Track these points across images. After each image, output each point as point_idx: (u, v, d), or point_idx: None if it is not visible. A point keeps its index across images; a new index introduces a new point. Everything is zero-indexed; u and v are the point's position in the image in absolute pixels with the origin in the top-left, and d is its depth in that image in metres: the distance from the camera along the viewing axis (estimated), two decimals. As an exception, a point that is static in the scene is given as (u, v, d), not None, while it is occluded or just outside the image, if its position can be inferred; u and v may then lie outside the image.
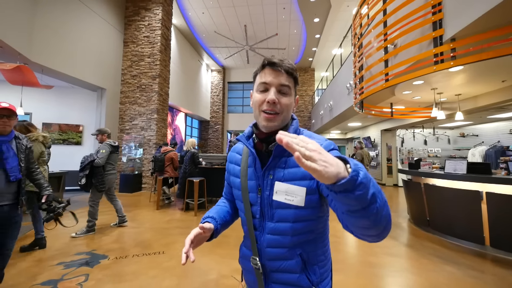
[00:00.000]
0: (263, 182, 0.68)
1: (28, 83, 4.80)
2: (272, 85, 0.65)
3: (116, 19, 7.02)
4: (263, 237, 0.68)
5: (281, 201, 0.64)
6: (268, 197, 0.67)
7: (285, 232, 0.66)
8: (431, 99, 4.53)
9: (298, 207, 0.63)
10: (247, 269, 0.74)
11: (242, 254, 0.77)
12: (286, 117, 0.68)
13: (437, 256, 2.72)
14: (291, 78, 0.67)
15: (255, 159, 0.69)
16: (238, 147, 0.81)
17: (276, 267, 0.67)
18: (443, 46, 2.46)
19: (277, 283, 0.67)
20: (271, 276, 0.68)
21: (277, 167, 0.67)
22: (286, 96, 0.66)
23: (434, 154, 9.41)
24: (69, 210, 1.95)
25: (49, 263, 2.42)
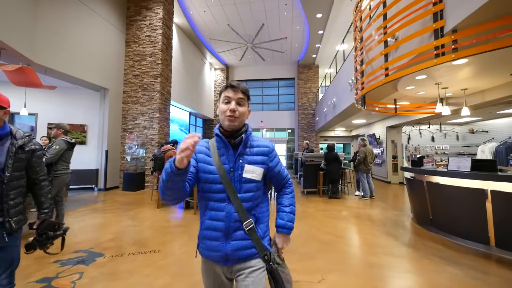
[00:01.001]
0: (235, 165, 0.97)
1: (31, 84, 4.88)
2: (233, 99, 0.97)
3: (118, 19, 7.07)
4: (230, 206, 0.94)
5: (248, 177, 0.97)
6: (239, 175, 0.97)
7: (249, 199, 0.97)
8: (436, 94, 4.38)
9: (257, 181, 0.99)
10: (210, 237, 0.96)
11: (206, 226, 0.97)
12: (242, 120, 1.00)
13: (439, 257, 2.63)
14: (245, 95, 1.00)
15: (229, 149, 0.99)
16: (202, 143, 1.05)
17: (236, 226, 0.94)
18: (444, 38, 2.36)
19: (234, 240, 0.94)
20: (231, 235, 0.94)
21: (245, 154, 1.00)
22: (242, 106, 0.99)
23: (442, 151, 9.17)
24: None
25: (46, 261, 2.45)
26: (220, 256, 0.94)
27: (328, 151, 5.91)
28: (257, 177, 0.98)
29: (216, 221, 0.95)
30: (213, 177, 0.96)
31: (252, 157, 1.00)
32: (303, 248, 2.85)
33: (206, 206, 0.98)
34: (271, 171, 1.04)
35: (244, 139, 0.99)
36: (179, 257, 2.60)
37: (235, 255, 0.94)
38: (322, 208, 4.89)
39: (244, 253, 0.95)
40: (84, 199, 5.64)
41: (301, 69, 13.58)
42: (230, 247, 0.93)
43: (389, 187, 7.89)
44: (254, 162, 0.99)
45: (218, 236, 0.94)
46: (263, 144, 1.05)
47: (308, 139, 13.21)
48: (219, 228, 0.94)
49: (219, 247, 0.94)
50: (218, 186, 0.95)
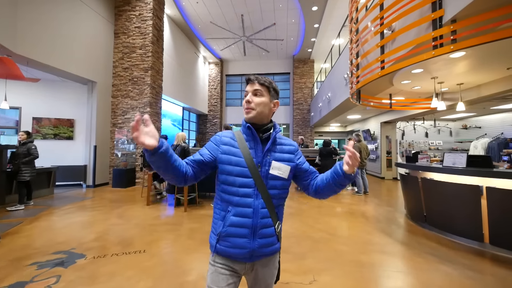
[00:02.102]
0: (262, 160, 0.95)
1: (12, 76, 4.63)
2: (249, 92, 0.97)
3: (106, 9, 6.77)
4: (258, 202, 0.91)
5: (275, 174, 0.95)
6: (266, 171, 0.94)
7: (274, 196, 0.95)
8: (432, 89, 4.30)
9: (284, 179, 0.97)
10: (237, 234, 0.90)
11: (232, 223, 0.91)
12: (261, 112, 0.96)
13: (433, 255, 2.57)
14: (264, 87, 0.97)
15: (258, 143, 0.96)
16: (227, 134, 1.01)
17: (264, 223, 0.92)
18: (443, 29, 2.25)
19: (262, 238, 0.91)
20: (258, 232, 0.91)
21: (272, 151, 0.97)
22: (258, 97, 0.96)
23: (436, 147, 9.20)
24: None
25: (23, 263, 2.31)
26: (245, 253, 0.90)
27: (323, 146, 5.83)
28: (283, 174, 0.96)
29: (243, 218, 0.91)
30: (239, 170, 0.92)
31: (280, 154, 0.98)
32: (296, 247, 2.76)
33: (229, 202, 0.93)
34: (300, 167, 1.02)
35: (273, 136, 0.98)
36: (165, 257, 2.48)
37: (261, 251, 0.92)
38: (316, 205, 4.82)
39: (271, 249, 0.94)
40: (71, 196, 5.46)
41: (296, 63, 13.41)
42: (257, 244, 0.91)
43: (383, 182, 7.88)
44: (282, 159, 0.97)
45: (245, 233, 0.90)
46: (289, 142, 1.05)
47: (303, 135, 13.13)
48: (247, 224, 0.91)
49: (245, 244, 0.90)
50: (245, 180, 0.92)
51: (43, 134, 6.42)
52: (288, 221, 3.72)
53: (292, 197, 5.57)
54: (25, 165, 4.28)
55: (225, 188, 0.94)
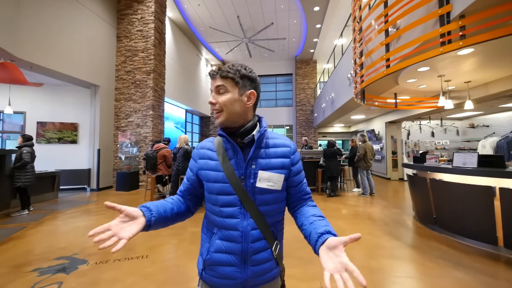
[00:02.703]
0: (245, 171, 0.76)
1: (15, 81, 4.66)
2: (212, 91, 0.79)
3: (108, 13, 6.81)
4: (247, 222, 0.75)
5: (264, 187, 0.76)
6: (252, 184, 0.76)
7: (266, 213, 0.77)
8: (438, 87, 4.20)
9: (277, 191, 0.78)
10: (223, 262, 0.75)
11: (218, 248, 0.76)
12: (231, 112, 0.76)
13: (444, 259, 2.47)
14: (227, 79, 0.76)
15: (237, 151, 0.78)
16: (205, 145, 0.85)
17: (257, 248, 0.75)
18: (451, 25, 2.17)
19: (255, 265, 0.75)
20: (250, 259, 0.75)
21: (258, 158, 0.77)
22: (223, 95, 0.76)
23: (442, 146, 9.03)
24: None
25: (24, 269, 2.28)
26: (236, 284, 0.75)
27: (328, 147, 5.75)
28: (275, 185, 0.76)
29: (230, 242, 0.75)
30: (219, 187, 0.77)
31: (269, 160, 0.78)
32: (301, 251, 2.69)
33: (214, 223, 0.79)
34: (291, 178, 0.81)
35: (257, 138, 0.77)
36: (167, 263, 2.43)
37: (256, 281, 0.76)
38: (321, 207, 4.73)
39: (268, 276, 0.78)
40: (75, 200, 5.45)
41: (298, 64, 13.36)
42: (250, 273, 0.75)
43: (389, 183, 7.75)
44: (271, 166, 0.77)
45: (233, 261, 0.75)
46: (282, 142, 0.82)
47: (307, 136, 13.04)
48: (235, 251, 0.75)
49: (235, 274, 0.75)
50: (228, 197, 0.76)
51: (47, 138, 6.46)
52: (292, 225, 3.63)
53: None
54: (17, 171, 4.07)
55: (208, 207, 0.81)
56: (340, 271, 0.58)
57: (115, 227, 0.64)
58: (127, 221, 0.66)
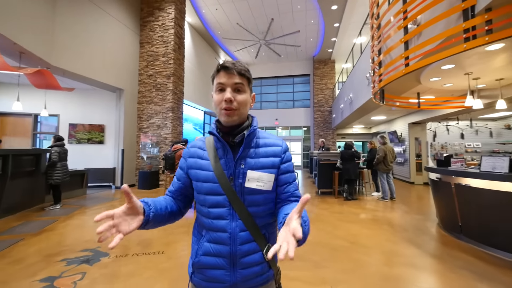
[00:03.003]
0: (234, 171, 0.75)
1: (50, 86, 5.09)
2: (227, 86, 0.74)
3: (132, 21, 7.22)
4: (235, 223, 0.73)
5: (253, 187, 0.74)
6: (241, 184, 0.74)
7: (256, 214, 0.75)
8: (466, 86, 3.92)
9: (267, 191, 0.76)
10: (211, 265, 0.74)
11: (206, 251, 0.74)
12: (243, 112, 0.76)
13: (469, 270, 2.30)
14: (244, 78, 0.75)
15: (227, 150, 0.77)
16: (196, 143, 0.84)
17: (246, 250, 0.73)
18: (476, 19, 2.03)
19: (245, 268, 0.73)
20: (239, 262, 0.73)
21: (247, 157, 0.76)
22: (241, 94, 0.75)
23: (473, 149, 8.38)
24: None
25: (54, 259, 2.49)
26: (225, 287, 0.74)
27: (345, 149, 5.60)
28: (265, 186, 0.75)
29: (218, 245, 0.74)
30: (208, 187, 0.75)
31: (258, 159, 0.77)
32: (311, 254, 2.65)
33: (202, 225, 0.78)
34: (278, 176, 0.78)
35: (246, 137, 0.76)
36: (182, 260, 2.52)
37: (247, 285, 0.75)
38: (337, 210, 4.61)
39: (260, 279, 0.76)
40: (101, 196, 5.83)
41: (316, 64, 13.14)
42: (239, 276, 0.73)
43: (413, 188, 7.34)
44: (260, 166, 0.76)
45: (222, 264, 0.73)
46: (273, 142, 0.80)
47: (325, 137, 12.77)
48: (223, 253, 0.73)
49: (223, 277, 0.73)
50: (216, 198, 0.74)
51: (78, 138, 6.98)
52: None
53: (312, 201, 5.40)
54: (49, 168, 4.45)
55: (198, 208, 0.79)
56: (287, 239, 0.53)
57: (118, 217, 0.62)
58: (130, 214, 0.64)
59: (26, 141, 7.02)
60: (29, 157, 4.48)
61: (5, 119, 6.92)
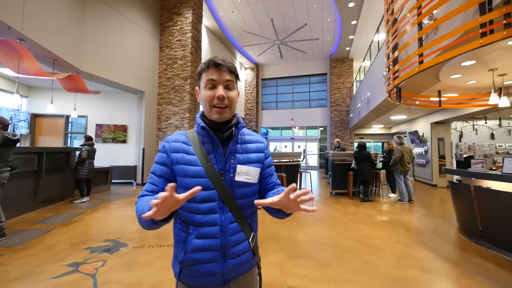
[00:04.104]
0: (225, 166, 0.77)
1: (79, 90, 5.54)
2: (219, 83, 0.76)
3: (152, 26, 7.60)
4: (225, 216, 0.76)
5: (243, 181, 0.78)
6: (231, 178, 0.77)
7: (244, 206, 0.79)
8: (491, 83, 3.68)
9: (254, 184, 0.81)
10: (203, 260, 0.74)
11: (196, 247, 0.74)
12: (234, 108, 0.80)
13: (487, 277, 2.19)
14: (233, 75, 0.79)
15: (218, 146, 0.79)
16: (179, 138, 0.82)
17: (235, 240, 0.77)
18: (493, 12, 1.93)
19: (234, 257, 0.77)
20: (229, 252, 0.76)
21: (236, 152, 0.80)
22: (231, 90, 0.78)
23: (506, 150, 7.77)
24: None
25: (80, 247, 2.74)
26: (216, 279, 0.75)
27: (359, 149, 5.48)
28: (253, 179, 0.79)
29: (210, 239, 0.74)
30: (197, 182, 0.74)
31: (246, 155, 0.81)
32: (320, 254, 2.66)
33: (190, 222, 0.75)
34: (263, 170, 0.85)
35: (236, 134, 0.80)
36: (193, 252, 2.65)
37: (235, 272, 0.78)
38: (351, 212, 4.53)
39: (244, 268, 0.81)
40: (123, 192, 6.21)
41: (333, 63, 12.88)
42: (229, 266, 0.76)
43: (435, 191, 6.97)
44: (248, 161, 0.80)
45: (213, 257, 0.74)
46: (256, 139, 0.86)
47: (342, 137, 12.48)
48: (215, 246, 0.74)
49: (214, 269, 0.75)
50: (206, 193, 0.74)
51: (103, 138, 7.49)
52: (315, 227, 3.59)
53: (326, 202, 5.34)
54: (78, 165, 4.89)
55: (183, 206, 0.72)
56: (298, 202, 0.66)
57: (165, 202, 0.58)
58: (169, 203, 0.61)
59: (58, 140, 7.67)
60: (61, 155, 4.91)
61: (41, 120, 7.61)
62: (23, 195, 4.02)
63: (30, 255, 2.52)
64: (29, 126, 7.26)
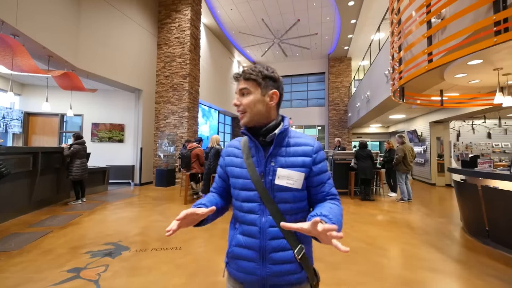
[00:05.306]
0: (265, 168, 0.79)
1: (75, 88, 5.38)
2: (236, 93, 0.84)
3: (150, 23, 7.44)
4: (265, 219, 0.77)
5: (283, 185, 0.77)
6: (270, 181, 0.78)
7: (286, 211, 0.78)
8: (495, 82, 3.68)
9: (297, 189, 0.78)
10: (243, 256, 0.79)
11: (238, 242, 0.80)
12: (255, 113, 0.80)
13: (498, 278, 2.17)
14: (250, 81, 0.80)
15: (259, 149, 0.82)
16: (233, 143, 0.91)
17: (275, 246, 0.76)
18: (508, 10, 1.90)
19: (274, 264, 0.75)
20: (269, 257, 0.76)
21: (278, 155, 0.80)
22: (246, 96, 0.81)
23: (502, 150, 7.87)
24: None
25: (79, 251, 2.64)
26: (255, 280, 0.77)
27: (360, 148, 5.46)
28: (295, 184, 0.77)
29: (249, 238, 0.78)
30: (241, 182, 0.82)
31: (288, 158, 0.79)
32: (328, 256, 2.61)
33: (237, 218, 0.84)
34: (311, 177, 0.80)
35: (277, 137, 0.79)
36: (198, 256, 2.58)
37: (277, 281, 0.76)
38: (353, 211, 4.51)
39: (287, 279, 0.77)
40: (121, 193, 6.07)
41: (332, 62, 12.87)
42: (269, 271, 0.76)
43: (434, 189, 7.02)
44: (291, 164, 0.79)
45: (252, 256, 0.77)
46: (304, 141, 0.82)
47: (340, 136, 12.51)
48: (253, 246, 0.77)
49: (254, 269, 0.77)
50: (248, 193, 0.80)
51: (100, 137, 7.32)
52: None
53: (327, 202, 5.31)
54: (69, 164, 4.64)
55: (233, 202, 0.87)
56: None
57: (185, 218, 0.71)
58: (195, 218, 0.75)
59: (53, 139, 7.46)
60: (56, 155, 4.75)
61: (35, 119, 7.40)
62: (17, 196, 3.88)
63: (28, 260, 2.41)
64: (22, 125, 7.05)
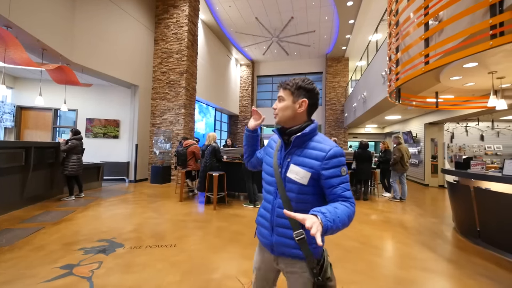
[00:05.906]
0: (282, 162, 0.99)
1: (70, 82, 5.29)
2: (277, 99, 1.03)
3: (147, 18, 7.34)
4: (276, 200, 0.98)
5: (291, 177, 0.95)
6: (284, 173, 0.97)
7: (292, 199, 0.95)
8: (489, 85, 3.74)
9: (302, 184, 0.93)
10: (261, 224, 1.06)
11: (260, 214, 1.08)
12: (283, 116, 0.99)
13: (488, 277, 2.22)
14: (286, 90, 0.99)
15: (283, 146, 1.02)
16: (274, 137, 1.13)
17: (280, 222, 0.97)
18: (504, 14, 1.92)
19: (278, 235, 0.97)
20: (275, 229, 0.99)
21: (294, 154, 0.97)
22: (280, 102, 1.00)
23: (494, 152, 8.02)
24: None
25: (72, 248, 2.60)
26: (267, 244, 1.00)
27: (361, 149, 5.48)
28: (301, 179, 0.93)
29: (265, 211, 1.03)
30: (267, 169, 1.04)
31: (301, 158, 0.95)
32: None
33: (263, 195, 1.07)
34: (322, 180, 0.91)
35: (295, 138, 0.95)
36: (193, 253, 2.57)
37: (279, 249, 0.97)
38: (348, 210, 4.54)
39: (288, 251, 0.95)
40: (115, 189, 6.01)
41: (329, 62, 12.91)
42: (275, 240, 0.97)
43: (427, 190, 7.12)
44: (302, 163, 0.94)
45: (266, 225, 1.01)
46: (320, 147, 0.93)
47: (336, 136, 12.58)
48: (267, 218, 1.01)
49: (267, 235, 1.01)
50: (269, 178, 1.02)
51: (94, 133, 7.22)
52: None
53: (322, 201, 5.35)
54: (65, 160, 4.61)
55: (262, 183, 1.09)
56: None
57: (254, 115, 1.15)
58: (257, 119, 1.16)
59: (46, 134, 7.34)
60: (50, 150, 4.68)
61: (27, 113, 7.26)
62: (9, 192, 3.81)
63: (19, 256, 2.37)
64: (14, 119, 6.91)
